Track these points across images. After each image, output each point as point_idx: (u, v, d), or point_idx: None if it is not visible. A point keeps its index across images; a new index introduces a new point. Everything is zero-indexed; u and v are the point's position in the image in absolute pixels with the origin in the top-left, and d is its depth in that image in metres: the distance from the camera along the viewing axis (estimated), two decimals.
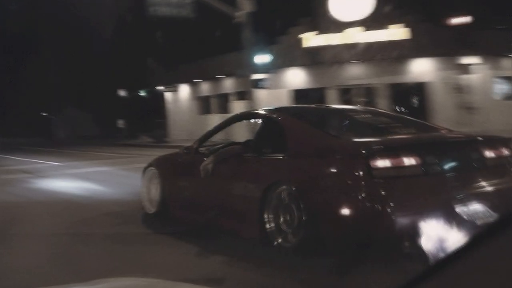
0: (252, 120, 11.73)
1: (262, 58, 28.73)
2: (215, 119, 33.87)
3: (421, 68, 34.30)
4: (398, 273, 5.87)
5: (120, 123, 53.64)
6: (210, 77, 42.40)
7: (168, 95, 49.54)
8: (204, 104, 45.42)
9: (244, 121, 11.25)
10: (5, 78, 65.59)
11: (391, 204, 6.30)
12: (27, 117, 75.60)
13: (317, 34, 33.93)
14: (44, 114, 74.94)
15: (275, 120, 8.67)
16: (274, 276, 6.58)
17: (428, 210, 6.29)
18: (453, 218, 6.25)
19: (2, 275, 7.07)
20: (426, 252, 5.85)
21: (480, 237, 1.45)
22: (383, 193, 6.37)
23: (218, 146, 9.50)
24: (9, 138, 59.75)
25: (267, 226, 7.49)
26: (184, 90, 47.59)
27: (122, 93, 55.96)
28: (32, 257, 7.91)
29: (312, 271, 6.60)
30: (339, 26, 33.39)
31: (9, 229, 10.13)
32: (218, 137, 10.40)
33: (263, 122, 9.36)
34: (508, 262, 1.38)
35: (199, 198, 9.39)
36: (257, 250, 7.53)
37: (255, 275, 6.68)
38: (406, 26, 32.39)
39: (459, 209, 6.43)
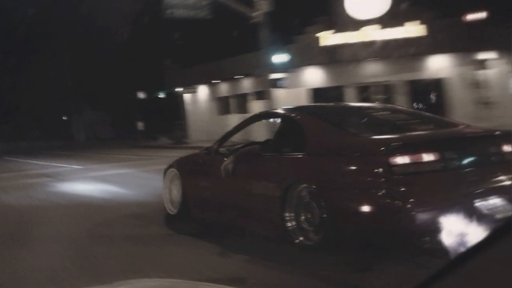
0: (271, 120, 11.76)
1: (280, 58, 28.75)
2: (234, 119, 33.86)
3: (438, 65, 34.12)
4: (419, 269, 5.94)
5: (140, 125, 53.66)
6: (228, 77, 42.34)
7: (187, 96, 49.50)
8: (223, 105, 45.38)
9: (263, 120, 11.23)
10: (23, 82, 65.83)
11: (411, 200, 6.32)
12: (46, 120, 75.84)
13: (334, 32, 33.81)
14: (64, 118, 75.33)
15: (294, 119, 8.67)
16: (296, 273, 6.55)
17: (448, 205, 6.30)
18: (472, 213, 6.26)
19: (26, 276, 7.16)
20: (447, 247, 5.88)
21: (500, 231, 1.44)
22: (403, 189, 6.38)
23: (238, 146, 9.50)
24: (29, 142, 60.07)
25: (288, 224, 7.51)
26: (203, 91, 47.56)
27: (140, 95, 55.98)
28: (55, 258, 7.93)
29: (333, 268, 6.58)
30: (356, 24, 33.24)
31: (32, 232, 10.23)
32: (238, 137, 10.40)
33: (282, 121, 9.36)
34: None
35: (220, 198, 9.39)
36: (279, 249, 7.54)
37: (277, 273, 6.65)
38: (423, 23, 32.23)
39: (478, 203, 6.43)
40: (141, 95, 55.71)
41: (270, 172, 8.24)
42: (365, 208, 6.67)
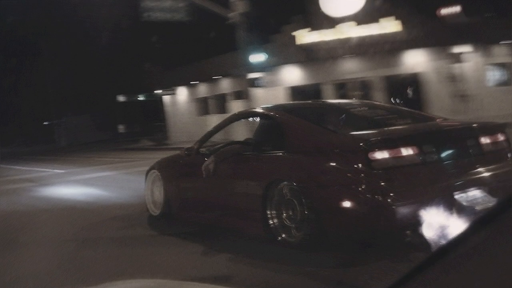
0: (251, 119, 11.78)
1: (257, 57, 28.81)
2: (214, 120, 33.81)
3: (414, 59, 34.16)
4: (402, 263, 5.99)
5: (121, 128, 53.45)
6: (207, 78, 42.15)
7: (166, 98, 49.34)
8: (202, 105, 45.18)
9: (243, 120, 11.25)
10: (5, 86, 65.53)
11: (392, 195, 6.36)
12: (29, 125, 75.49)
13: (310, 30, 33.81)
14: (45, 123, 74.84)
15: (273, 118, 8.69)
16: (280, 271, 6.61)
17: (428, 199, 6.37)
18: (453, 205, 6.33)
19: (13, 282, 7.12)
20: (429, 240, 5.93)
21: (480, 222, 1.48)
22: (383, 184, 6.42)
23: (219, 146, 9.44)
24: (11, 147, 59.63)
25: (271, 222, 7.55)
26: (182, 92, 47.39)
27: (121, 98, 55.77)
28: (41, 263, 7.98)
29: (317, 265, 6.62)
30: (331, 22, 33.25)
31: (17, 237, 10.18)
32: (218, 137, 10.41)
33: (261, 120, 9.39)
34: (507, 247, 1.39)
35: (202, 198, 9.40)
36: (262, 247, 7.58)
37: (262, 270, 6.68)
38: (398, 19, 32.33)
39: (458, 196, 6.49)
40: (122, 98, 55.50)
41: (251, 170, 8.26)
42: (347, 204, 6.70)
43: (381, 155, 6.49)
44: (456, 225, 6.05)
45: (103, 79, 58.46)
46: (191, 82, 45.02)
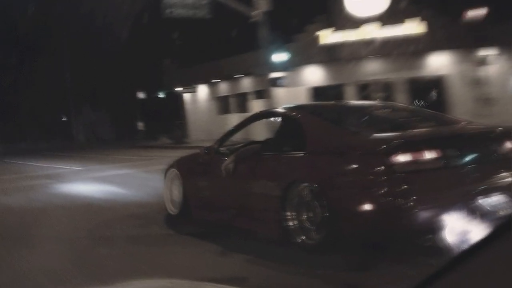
0: (272, 119, 11.69)
1: (279, 57, 28.69)
2: (234, 119, 33.78)
3: (439, 62, 33.92)
4: (420, 269, 5.81)
5: (139, 125, 53.47)
6: (228, 76, 42.20)
7: (186, 96, 49.35)
8: (222, 104, 45.23)
9: (264, 120, 11.19)
10: (22, 82, 65.77)
11: (413, 198, 6.29)
12: (46, 120, 75.70)
13: (333, 31, 33.63)
14: (64, 119, 75.11)
15: (295, 118, 8.61)
16: (296, 273, 6.55)
17: (450, 203, 6.28)
18: (475, 210, 6.22)
19: (27, 277, 7.12)
20: (449, 245, 5.85)
21: (499, 230, 1.46)
22: (404, 187, 6.33)
23: (238, 145, 9.45)
24: (29, 143, 59.86)
25: (290, 224, 7.44)
26: (202, 90, 47.41)
27: (140, 95, 55.78)
28: (56, 260, 7.91)
29: (331, 267, 6.59)
30: (355, 23, 33.03)
31: (33, 233, 10.11)
32: (238, 137, 10.34)
33: (282, 120, 9.28)
34: None
35: (220, 198, 9.36)
36: (279, 249, 7.52)
37: (278, 273, 6.66)
38: (423, 20, 32.11)
39: (481, 201, 6.36)
40: (141, 95, 55.55)
41: (271, 171, 8.20)
42: (367, 207, 6.64)
43: (404, 158, 6.38)
44: (478, 231, 5.95)
45: (122, 76, 58.40)
46: (212, 80, 45.01)
